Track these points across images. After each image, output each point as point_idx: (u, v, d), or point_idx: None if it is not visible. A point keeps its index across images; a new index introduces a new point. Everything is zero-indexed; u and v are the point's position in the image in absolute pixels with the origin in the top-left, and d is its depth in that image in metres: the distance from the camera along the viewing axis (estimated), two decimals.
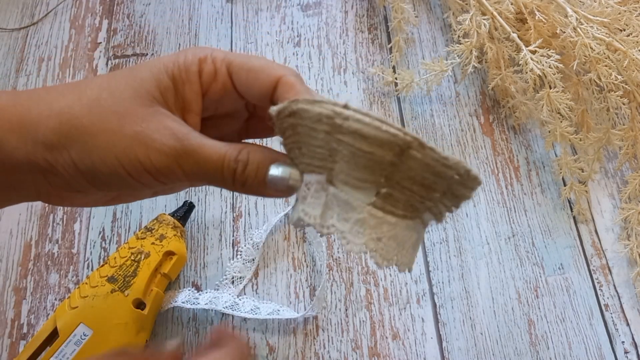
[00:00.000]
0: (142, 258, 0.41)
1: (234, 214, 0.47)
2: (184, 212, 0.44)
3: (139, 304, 0.40)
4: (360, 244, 0.24)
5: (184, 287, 0.44)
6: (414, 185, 0.24)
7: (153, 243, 0.41)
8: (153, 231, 0.42)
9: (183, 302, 0.41)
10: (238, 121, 0.31)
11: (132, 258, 0.40)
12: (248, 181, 0.26)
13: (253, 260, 0.44)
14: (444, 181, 0.24)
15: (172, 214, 0.44)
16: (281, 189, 0.25)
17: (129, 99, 0.26)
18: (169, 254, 0.42)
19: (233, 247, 0.45)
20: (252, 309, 0.42)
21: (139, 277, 0.40)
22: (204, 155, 0.25)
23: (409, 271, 0.26)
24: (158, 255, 0.41)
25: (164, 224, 0.43)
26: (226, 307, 0.41)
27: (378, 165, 0.23)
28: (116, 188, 0.27)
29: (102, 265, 0.41)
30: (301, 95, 0.25)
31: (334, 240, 0.45)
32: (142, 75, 0.26)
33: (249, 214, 0.47)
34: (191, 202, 0.45)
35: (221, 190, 0.48)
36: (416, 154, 0.23)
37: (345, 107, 0.23)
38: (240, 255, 0.45)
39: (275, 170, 0.25)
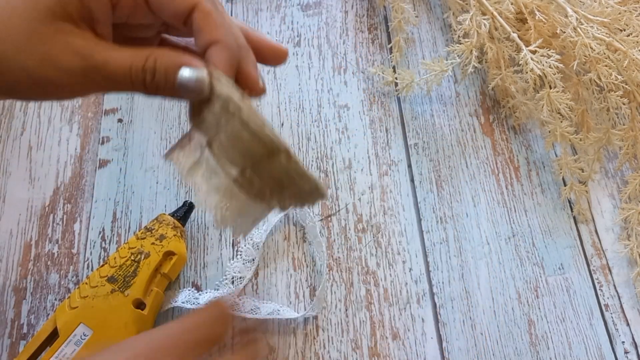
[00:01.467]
0: (142, 258, 0.41)
1: None
2: (184, 212, 0.44)
3: (139, 304, 0.40)
4: (209, 205, 0.28)
5: (184, 288, 0.44)
6: (272, 180, 0.28)
7: (153, 243, 0.41)
8: (153, 231, 0.42)
9: (183, 302, 0.41)
10: (153, 29, 0.31)
11: (132, 258, 0.40)
12: (160, 87, 0.27)
13: (253, 260, 0.44)
14: (296, 187, 0.29)
15: (172, 214, 0.44)
16: (193, 91, 0.27)
17: (29, 19, 0.25)
18: (169, 254, 0.42)
19: (233, 247, 0.45)
20: (252, 309, 0.42)
21: (139, 277, 0.40)
22: (111, 70, 0.26)
23: (243, 237, 0.31)
24: (158, 256, 0.41)
25: (164, 224, 0.43)
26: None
27: (250, 154, 0.27)
28: (36, 98, 0.28)
29: (102, 266, 0.41)
30: (216, 25, 0.27)
31: (334, 240, 0.45)
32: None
33: None
34: (191, 202, 0.45)
35: None
36: (283, 160, 0.27)
37: (243, 98, 0.27)
38: (240, 255, 0.45)
39: (183, 74, 0.26)
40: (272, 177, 0.28)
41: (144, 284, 0.40)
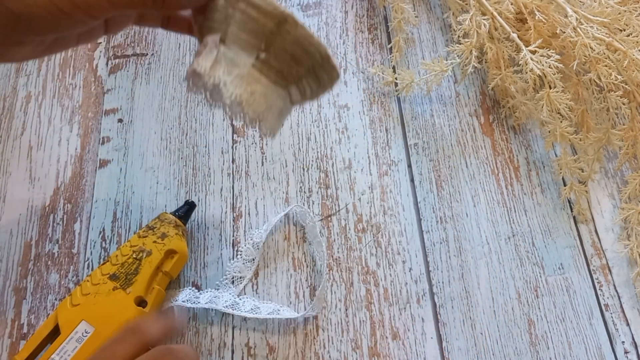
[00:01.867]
0: (144, 256, 0.41)
1: (234, 214, 0.47)
2: (185, 211, 0.45)
3: (141, 302, 0.40)
4: (237, 94, 0.30)
5: (184, 287, 0.44)
6: (286, 55, 0.31)
7: (155, 241, 0.42)
8: (155, 230, 0.42)
9: (183, 302, 0.42)
10: None
11: (134, 256, 0.41)
12: (171, 3, 0.30)
13: (253, 260, 0.44)
14: (309, 58, 0.31)
15: (174, 213, 0.44)
16: None
17: None
18: (171, 252, 0.42)
19: (233, 247, 0.45)
20: (252, 309, 0.42)
21: (141, 275, 0.40)
22: None
23: (272, 137, 0.32)
24: (160, 254, 0.41)
25: (166, 222, 0.43)
26: (226, 306, 0.41)
27: (261, 31, 0.30)
28: (50, 30, 0.29)
29: (104, 263, 0.41)
30: None
31: (334, 240, 0.45)
32: None
33: (249, 213, 0.47)
34: (192, 202, 0.45)
35: (221, 190, 0.48)
36: (290, 28, 0.30)
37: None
38: (241, 255, 0.45)
39: None
40: (286, 51, 0.30)
41: (146, 282, 0.40)
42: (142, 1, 0.30)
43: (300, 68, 0.31)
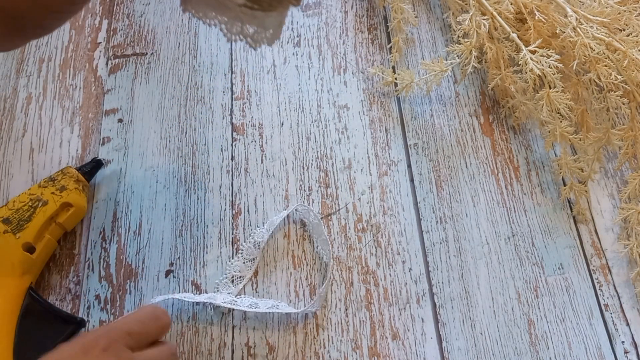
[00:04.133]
0: (40, 205, 0.42)
1: (233, 212, 0.47)
2: (91, 168, 0.47)
3: (29, 248, 0.41)
4: (237, 33, 0.31)
5: (183, 285, 0.44)
6: None
7: (53, 193, 0.43)
8: (55, 182, 0.44)
9: (183, 297, 0.42)
10: None
11: (30, 204, 0.42)
12: None
13: (254, 259, 0.44)
14: None
15: (78, 168, 0.46)
16: None
17: None
18: (67, 205, 0.43)
19: (232, 245, 0.45)
20: (250, 304, 0.42)
21: (33, 222, 0.42)
22: None
23: (278, 41, 0.34)
24: (55, 205, 0.43)
25: (68, 176, 0.44)
26: (225, 302, 0.42)
27: None
28: (45, 20, 0.30)
29: (1, 207, 0.43)
30: None
31: (334, 239, 0.45)
32: None
33: (248, 211, 0.47)
34: (99, 159, 0.47)
35: (220, 187, 0.48)
36: None
37: None
38: (241, 254, 0.45)
39: None
40: None
41: (37, 230, 0.42)
42: None
43: None
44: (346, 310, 0.43)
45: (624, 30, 0.46)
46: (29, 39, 0.32)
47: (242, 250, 0.45)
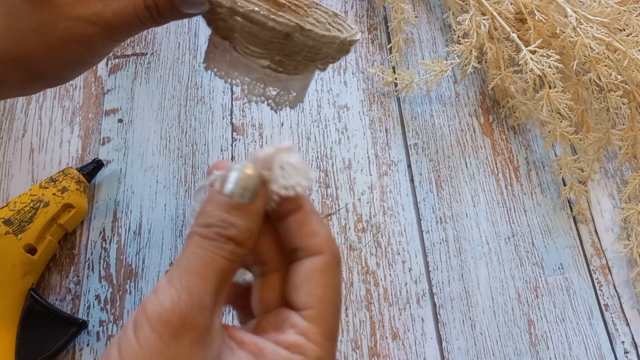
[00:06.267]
0: (41, 206, 0.42)
1: None
2: (91, 169, 0.47)
3: (30, 249, 0.42)
4: (259, 95, 0.31)
5: None
6: (300, 56, 0.30)
7: (54, 194, 0.43)
8: (57, 182, 0.44)
9: None
10: None
11: (31, 205, 0.42)
12: (167, 16, 0.29)
13: None
14: (325, 51, 0.30)
15: (79, 169, 0.46)
16: (195, 6, 0.29)
17: (34, 16, 0.27)
18: (68, 206, 0.44)
19: None
20: None
21: (35, 223, 0.42)
22: (122, 23, 0.28)
23: (300, 104, 0.33)
24: (57, 206, 0.43)
25: (69, 177, 0.44)
26: None
27: (269, 43, 0.29)
28: (67, 74, 0.31)
29: (2, 207, 0.43)
30: None
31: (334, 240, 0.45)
32: None
33: None
34: (100, 160, 0.47)
35: None
36: (299, 36, 0.28)
37: None
38: None
39: None
40: (299, 54, 0.30)
41: (38, 231, 0.42)
42: (140, 24, 0.29)
43: (317, 58, 0.31)
44: (346, 310, 0.43)
45: (624, 30, 0.46)
46: (46, 87, 0.32)
47: None
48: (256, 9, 0.28)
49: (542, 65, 0.44)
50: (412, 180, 0.48)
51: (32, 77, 0.29)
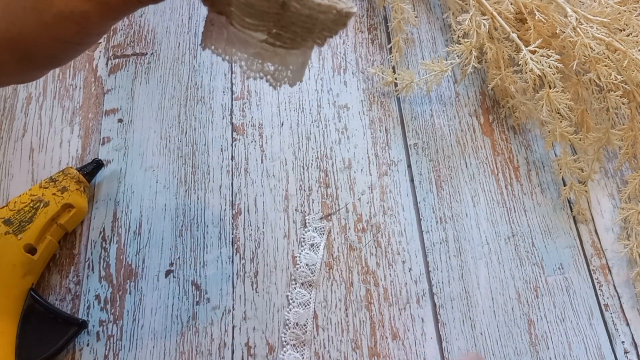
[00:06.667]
0: (41, 206, 0.42)
1: (233, 212, 0.47)
2: (91, 169, 0.46)
3: (30, 249, 0.42)
4: (257, 71, 0.31)
5: (183, 286, 0.44)
6: (297, 27, 0.29)
7: (54, 194, 0.43)
8: (57, 182, 0.44)
9: None
10: None
11: (31, 205, 0.42)
12: None
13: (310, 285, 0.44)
14: (322, 22, 0.29)
15: (79, 169, 0.46)
16: None
17: None
18: (68, 206, 0.44)
19: (232, 245, 0.45)
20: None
21: (35, 223, 0.42)
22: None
23: (299, 83, 0.32)
24: (57, 206, 0.43)
25: (69, 177, 0.44)
26: None
27: (266, 14, 0.28)
28: (63, 56, 0.30)
29: (2, 207, 0.43)
30: None
31: (334, 239, 0.45)
32: None
33: (248, 211, 0.47)
34: (100, 160, 0.47)
35: (220, 187, 0.48)
36: (295, 5, 0.28)
37: None
38: (295, 282, 0.44)
39: None
40: (296, 24, 0.29)
41: (38, 231, 0.42)
42: (136, 2, 0.28)
43: (314, 31, 0.30)
44: (346, 310, 0.43)
45: (624, 30, 0.46)
46: (42, 70, 0.31)
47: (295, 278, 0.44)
48: None
49: (542, 65, 0.44)
50: (412, 180, 0.48)
51: (26, 58, 0.28)
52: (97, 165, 0.47)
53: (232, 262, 0.45)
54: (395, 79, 0.51)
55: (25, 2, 0.27)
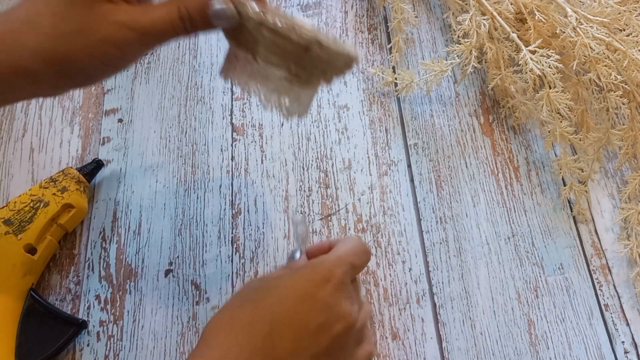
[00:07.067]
0: (41, 206, 0.43)
1: (233, 211, 0.47)
2: (91, 169, 0.47)
3: (31, 249, 0.42)
4: (274, 103, 0.35)
5: (183, 285, 0.44)
6: (315, 68, 0.33)
7: (54, 194, 0.43)
8: (57, 182, 0.44)
9: None
10: None
11: (31, 205, 0.43)
12: (198, 27, 0.32)
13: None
14: (335, 66, 0.34)
15: (79, 169, 0.46)
16: (226, 20, 0.32)
17: (78, 18, 0.30)
18: (68, 206, 0.44)
19: (232, 244, 0.45)
20: None
21: (34, 224, 0.42)
22: (158, 30, 0.31)
23: (305, 115, 0.37)
24: (57, 206, 0.43)
25: (69, 177, 0.45)
26: None
27: (289, 55, 0.33)
28: (101, 76, 0.34)
29: (2, 207, 0.43)
30: None
31: None
32: None
33: (248, 211, 0.47)
34: (100, 160, 0.47)
35: (220, 187, 0.48)
36: (317, 50, 0.32)
37: (265, 12, 0.31)
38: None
39: (214, 9, 0.31)
40: (314, 66, 0.33)
41: (38, 231, 0.42)
42: (173, 32, 0.32)
43: (327, 72, 0.34)
44: None
45: (624, 30, 0.46)
46: (76, 87, 0.34)
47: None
48: (280, 23, 0.31)
49: (542, 65, 0.44)
50: (412, 180, 0.48)
51: (65, 75, 0.31)
52: (97, 165, 0.47)
53: (232, 261, 0.45)
54: (395, 79, 0.51)
55: (74, 25, 0.30)
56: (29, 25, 0.30)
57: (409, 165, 0.49)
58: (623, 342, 0.42)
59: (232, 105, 0.52)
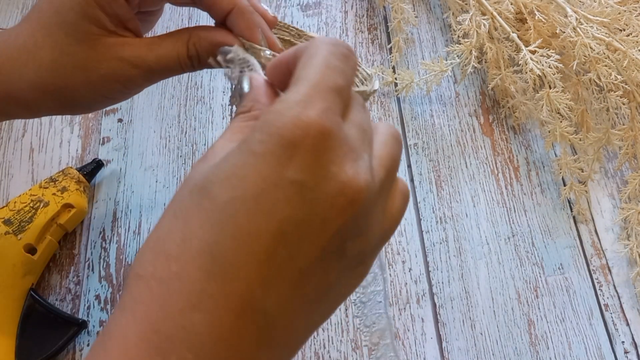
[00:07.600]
0: (41, 206, 0.42)
1: None
2: (91, 169, 0.47)
3: (30, 249, 0.42)
4: None
5: None
6: None
7: (54, 194, 0.43)
8: (56, 182, 0.44)
9: None
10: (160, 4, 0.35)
11: (31, 205, 0.42)
12: (205, 65, 0.31)
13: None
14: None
15: (79, 169, 0.46)
16: (235, 63, 0.29)
17: (80, 53, 0.29)
18: (68, 206, 0.44)
19: None
20: None
21: (34, 224, 0.42)
22: (164, 65, 0.30)
23: None
24: (57, 206, 0.43)
25: (69, 177, 0.44)
26: None
27: None
28: (100, 107, 0.34)
29: (2, 207, 0.43)
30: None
31: None
32: (68, 19, 0.29)
33: None
34: (100, 160, 0.47)
35: None
36: None
37: (269, 54, 0.30)
38: None
39: (226, 54, 0.29)
40: None
41: (38, 231, 0.42)
42: (180, 69, 0.31)
43: None
44: (346, 310, 0.43)
45: (624, 30, 0.46)
46: (78, 113, 0.36)
47: None
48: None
49: (542, 65, 0.44)
50: (412, 180, 0.48)
51: (64, 105, 0.31)
52: (97, 165, 0.47)
53: None
54: (395, 79, 0.51)
55: (74, 60, 0.29)
56: (28, 57, 0.29)
57: (409, 165, 0.49)
58: (623, 342, 0.42)
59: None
